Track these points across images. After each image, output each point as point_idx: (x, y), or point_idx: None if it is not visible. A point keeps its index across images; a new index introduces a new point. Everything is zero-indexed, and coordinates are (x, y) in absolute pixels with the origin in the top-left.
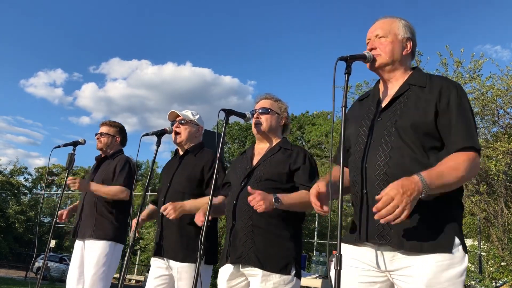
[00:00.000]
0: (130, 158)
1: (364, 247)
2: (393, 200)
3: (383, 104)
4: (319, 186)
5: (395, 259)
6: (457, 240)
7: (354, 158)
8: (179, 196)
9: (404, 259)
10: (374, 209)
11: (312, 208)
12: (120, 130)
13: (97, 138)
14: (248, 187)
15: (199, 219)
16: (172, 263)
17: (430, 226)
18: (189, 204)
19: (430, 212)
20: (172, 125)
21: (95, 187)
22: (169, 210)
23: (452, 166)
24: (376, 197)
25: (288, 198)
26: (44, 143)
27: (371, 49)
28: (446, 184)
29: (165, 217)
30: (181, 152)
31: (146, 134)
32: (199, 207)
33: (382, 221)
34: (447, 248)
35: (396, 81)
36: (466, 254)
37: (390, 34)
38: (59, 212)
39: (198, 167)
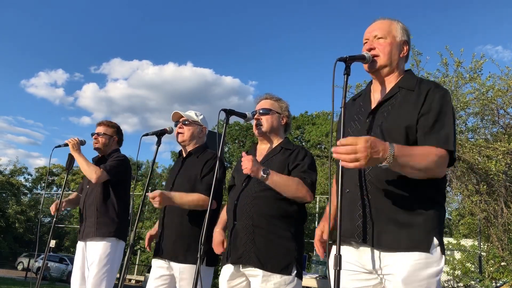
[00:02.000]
0: (126, 157)
1: (346, 246)
2: (357, 145)
3: (373, 106)
4: (323, 232)
5: (375, 258)
6: (435, 241)
7: None
8: None
9: (384, 258)
10: (338, 143)
11: (299, 197)
12: (117, 130)
13: (95, 138)
14: (242, 153)
15: None
16: (173, 264)
17: (408, 225)
18: (176, 197)
19: (409, 212)
20: (175, 125)
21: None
22: (157, 199)
23: (423, 153)
24: (338, 142)
25: (277, 176)
26: (45, 143)
27: (369, 49)
28: (410, 165)
29: (166, 218)
30: (184, 154)
31: (146, 134)
32: (186, 203)
33: (335, 156)
34: (425, 248)
35: (389, 83)
36: (444, 255)
37: (389, 35)
38: (55, 204)
39: (199, 167)
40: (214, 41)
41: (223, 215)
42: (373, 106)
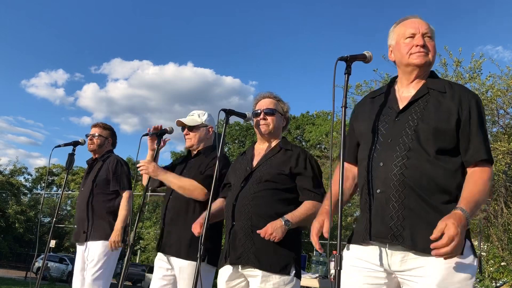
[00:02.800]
0: (119, 157)
1: (372, 246)
2: (454, 239)
3: (401, 105)
4: (321, 224)
5: (406, 260)
6: (468, 243)
7: (367, 156)
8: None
9: (416, 260)
10: (432, 246)
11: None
12: (112, 132)
13: (90, 139)
14: (257, 231)
15: (196, 230)
16: (175, 260)
17: None
18: (172, 175)
19: (443, 215)
20: (182, 130)
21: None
22: (150, 166)
23: (481, 190)
24: (432, 237)
25: (296, 217)
26: (45, 143)
27: (421, 45)
28: (478, 208)
29: (168, 215)
30: (193, 154)
31: (147, 134)
32: (177, 184)
33: (436, 254)
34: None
35: (417, 84)
36: (476, 258)
37: (434, 38)
38: None
39: (205, 165)
40: (214, 42)
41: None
42: (401, 105)
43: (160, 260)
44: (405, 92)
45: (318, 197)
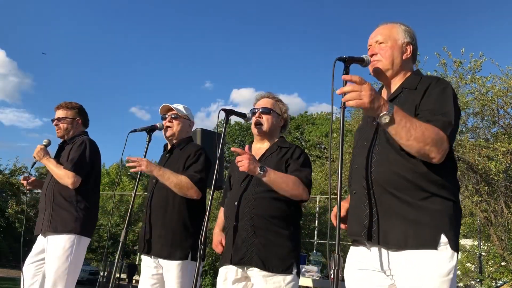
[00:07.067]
0: (89, 140)
1: (361, 247)
2: (362, 87)
3: None
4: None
5: (385, 258)
6: (443, 238)
7: (350, 161)
8: (165, 190)
9: (393, 257)
10: (342, 77)
11: (296, 195)
12: (79, 111)
13: (55, 125)
14: (246, 147)
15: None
16: (160, 261)
17: (416, 223)
18: (169, 171)
19: (416, 210)
20: (162, 119)
21: (52, 165)
22: (143, 162)
23: (424, 127)
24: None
25: (275, 173)
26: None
27: (371, 55)
28: (407, 128)
29: (149, 214)
30: (169, 147)
31: (134, 131)
32: (174, 181)
33: (339, 91)
34: (431, 245)
35: (395, 86)
36: (456, 253)
37: (389, 39)
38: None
39: (182, 160)
40: (216, 41)
41: (222, 216)
42: None
43: (147, 259)
44: (385, 95)
45: (302, 179)
